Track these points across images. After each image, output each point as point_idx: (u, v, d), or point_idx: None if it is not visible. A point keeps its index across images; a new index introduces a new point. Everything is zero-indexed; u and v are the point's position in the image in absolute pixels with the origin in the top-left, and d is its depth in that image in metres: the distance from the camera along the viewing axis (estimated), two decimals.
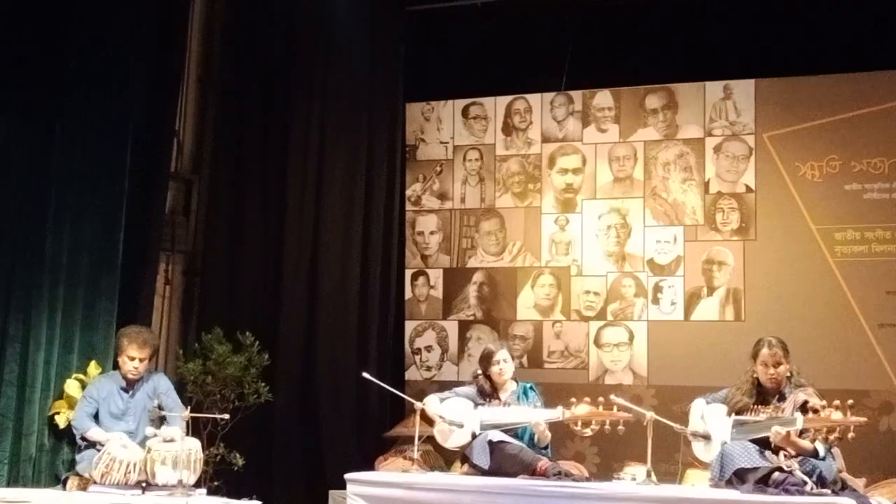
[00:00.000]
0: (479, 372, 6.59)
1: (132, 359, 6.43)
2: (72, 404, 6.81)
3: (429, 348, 8.57)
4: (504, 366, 6.48)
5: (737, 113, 7.98)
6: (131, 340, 6.49)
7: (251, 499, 6.25)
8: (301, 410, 8.28)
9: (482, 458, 6.13)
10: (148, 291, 7.89)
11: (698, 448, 6.09)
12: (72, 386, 6.95)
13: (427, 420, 6.70)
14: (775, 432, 5.56)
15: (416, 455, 6.57)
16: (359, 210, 8.49)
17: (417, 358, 8.59)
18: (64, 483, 6.28)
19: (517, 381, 6.59)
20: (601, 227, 8.24)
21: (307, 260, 8.48)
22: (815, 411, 5.59)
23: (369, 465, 7.30)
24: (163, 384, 6.61)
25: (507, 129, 8.55)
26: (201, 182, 8.84)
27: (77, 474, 6.21)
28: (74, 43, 7.27)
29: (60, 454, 6.93)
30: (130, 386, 6.54)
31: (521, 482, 5.90)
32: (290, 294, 8.42)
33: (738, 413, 5.87)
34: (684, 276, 7.98)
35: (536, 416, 6.26)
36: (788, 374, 5.91)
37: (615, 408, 6.07)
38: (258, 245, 8.62)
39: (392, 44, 8.66)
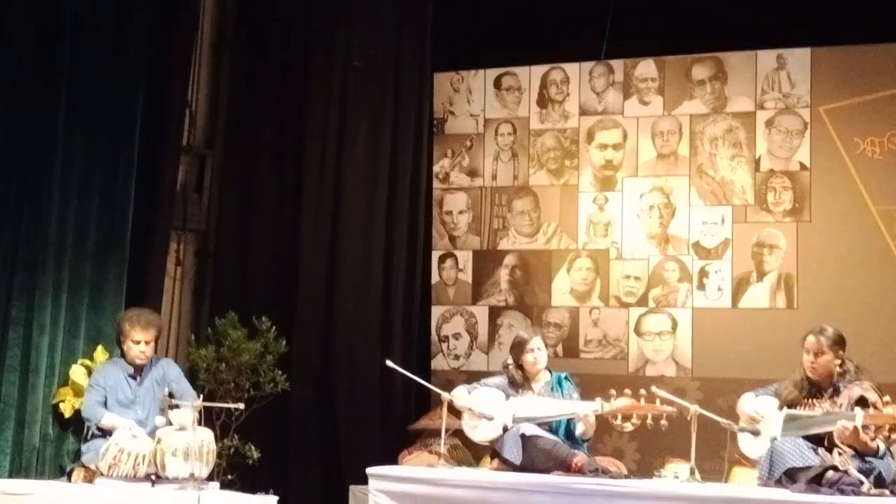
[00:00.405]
0: (511, 361, 6.58)
1: (137, 342, 6.48)
2: (77, 391, 6.86)
3: (457, 336, 8.57)
4: (538, 354, 6.48)
5: (791, 84, 7.91)
6: (133, 323, 6.53)
7: (267, 493, 6.27)
8: (320, 400, 8.32)
9: (513, 453, 6.13)
10: (158, 273, 7.94)
11: (746, 444, 6.06)
12: (77, 372, 7.00)
13: (455, 412, 6.72)
14: (842, 427, 5.48)
15: (442, 449, 6.59)
16: (382, 187, 8.50)
17: (444, 346, 8.59)
18: (69, 475, 6.33)
19: (551, 371, 6.59)
20: (643, 206, 8.20)
21: (326, 240, 8.50)
22: (874, 407, 5.54)
23: (392, 460, 7.30)
24: (172, 371, 6.65)
25: (543, 101, 8.51)
26: (215, 157, 8.87)
27: (83, 465, 6.26)
28: (75, 12, 7.26)
29: (65, 444, 6.99)
30: (138, 372, 6.58)
31: (556, 479, 5.90)
32: (309, 276, 8.45)
33: (790, 407, 5.83)
34: (732, 260, 7.93)
35: (573, 408, 6.25)
36: (839, 367, 5.85)
37: (658, 401, 6.06)
38: (275, 224, 8.66)
39: (419, 3, 8.62)
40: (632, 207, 8.23)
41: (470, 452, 7.61)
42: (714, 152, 8.07)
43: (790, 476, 5.53)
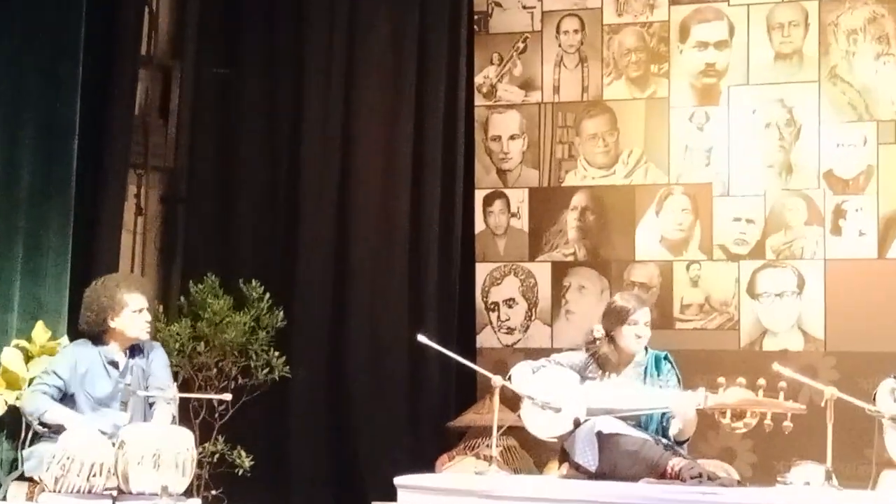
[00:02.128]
0: (598, 333, 6.54)
1: (140, 310, 6.52)
2: (11, 382, 6.89)
3: (510, 302, 8.59)
4: (644, 330, 6.44)
5: None
6: (132, 286, 6.57)
7: None
8: (329, 390, 8.39)
9: (588, 456, 6.13)
10: (113, 223, 7.99)
11: (894, 442, 6.05)
12: (10, 356, 7.01)
13: (510, 403, 6.72)
14: None
15: (493, 452, 6.58)
16: (407, 106, 8.52)
17: (494, 316, 8.61)
18: (3, 490, 6.38)
19: (646, 349, 6.56)
20: (757, 125, 8.16)
21: (335, 177, 8.54)
22: None
23: (428, 468, 7.35)
24: (160, 358, 6.66)
25: None
26: (183, 70, 8.88)
27: (24, 478, 6.31)
28: None
29: None
30: (121, 359, 6.60)
31: (646, 489, 5.89)
32: (312, 226, 8.49)
33: None
34: (878, 194, 7.91)
35: (666, 400, 6.24)
36: None
37: (781, 394, 6.01)
38: (265, 158, 8.70)
39: None
40: (742, 127, 8.19)
41: (531, 456, 7.64)
42: (852, 50, 8.02)
43: None
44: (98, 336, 6.53)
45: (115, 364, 6.50)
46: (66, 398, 6.43)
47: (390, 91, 8.56)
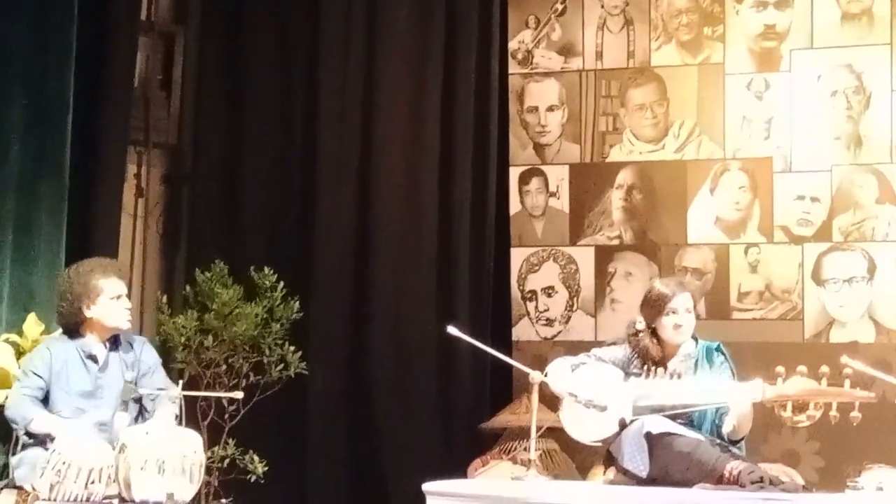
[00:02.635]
0: (640, 325, 6.55)
1: (118, 297, 6.50)
2: (1, 380, 6.93)
3: (549, 291, 8.57)
4: (685, 318, 6.43)
5: None
6: (108, 272, 6.54)
7: None
8: (351, 389, 8.42)
9: (637, 460, 6.12)
10: (111, 205, 8.04)
11: None
12: (1, 352, 7.07)
13: (550, 402, 6.70)
14: None
15: (532, 455, 6.58)
16: (435, 74, 8.53)
17: (531, 306, 8.60)
18: None
19: (696, 340, 6.55)
20: (822, 93, 8.12)
21: (355, 154, 8.56)
22: None
23: (460, 473, 7.35)
24: (149, 356, 6.66)
25: None
26: (188, 37, 8.91)
27: (15, 486, 6.33)
28: None
29: None
30: (101, 352, 6.61)
31: (701, 495, 5.87)
32: (330, 208, 8.52)
33: None
34: None
35: (721, 393, 6.22)
36: None
37: (847, 382, 6.00)
38: (278, 133, 8.73)
39: None
40: (805, 95, 8.15)
41: (573, 460, 7.63)
42: None
43: None
44: (75, 328, 6.50)
45: (93, 358, 6.48)
46: (46, 397, 6.44)
47: (415, 58, 8.57)
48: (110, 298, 6.46)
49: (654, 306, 6.47)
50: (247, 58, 8.79)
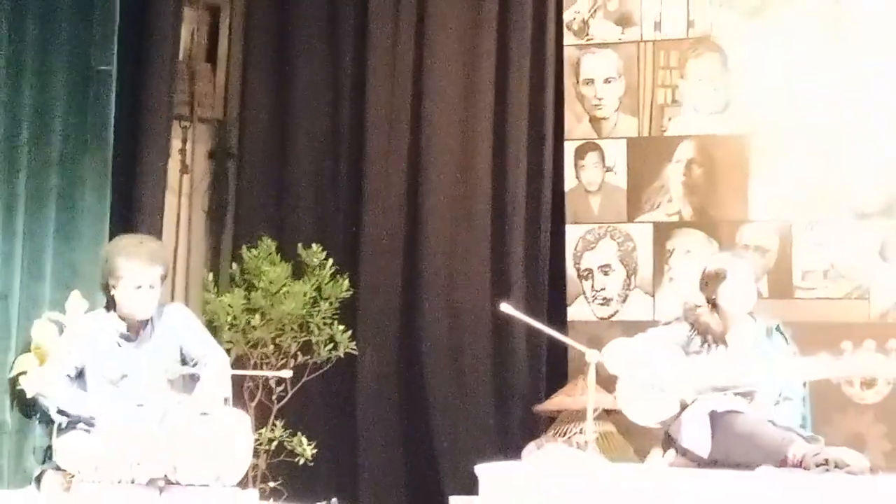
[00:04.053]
0: (700, 301, 6.54)
1: (138, 287, 6.49)
2: (44, 358, 6.98)
3: (605, 269, 8.55)
4: (744, 288, 6.44)
5: None
6: (131, 257, 6.50)
7: (328, 502, 6.37)
8: (401, 369, 8.45)
9: (699, 441, 6.13)
10: (156, 182, 8.08)
11: None
12: (43, 331, 7.12)
13: (606, 383, 6.70)
14: None
15: (588, 438, 6.58)
16: (488, 46, 8.53)
17: (587, 285, 8.58)
18: (37, 481, 6.45)
19: (755, 318, 6.54)
20: None
21: (405, 128, 8.59)
22: None
23: (514, 455, 7.35)
24: (183, 321, 6.66)
25: None
26: (233, 9, 8.96)
27: (57, 468, 6.37)
28: None
29: (30, 437, 7.15)
30: (135, 331, 6.64)
31: (766, 477, 5.86)
32: (380, 184, 8.56)
33: None
34: None
35: (786, 371, 6.20)
36: None
37: None
38: (326, 107, 8.76)
39: None
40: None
41: (630, 443, 7.63)
42: None
43: None
44: (110, 305, 6.51)
45: (127, 337, 6.50)
46: (80, 376, 6.47)
47: (467, 30, 8.59)
48: (129, 285, 6.43)
49: (713, 280, 6.49)
50: (294, 30, 8.82)
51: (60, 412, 6.39)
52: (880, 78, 8.07)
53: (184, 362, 6.45)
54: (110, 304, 6.54)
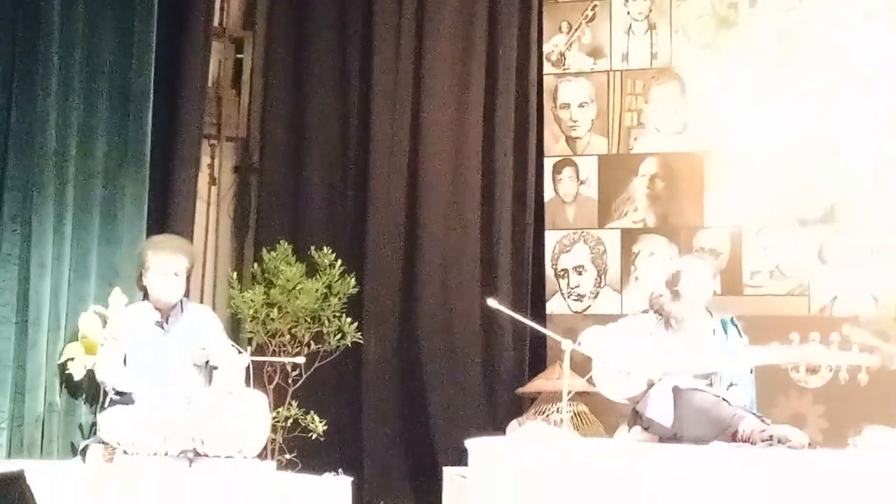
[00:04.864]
0: (663, 291, 6.54)
1: (165, 273, 6.49)
2: (89, 347, 6.98)
3: (579, 269, 8.53)
4: (702, 284, 6.45)
5: None
6: (158, 249, 6.54)
7: (337, 474, 6.34)
8: (401, 356, 8.42)
9: (663, 412, 6.14)
10: (187, 193, 8.05)
11: None
12: (89, 323, 7.13)
13: (580, 369, 6.68)
14: None
15: (564, 417, 6.56)
16: (477, 75, 8.49)
17: (563, 283, 8.56)
18: (83, 453, 6.43)
19: (711, 313, 6.53)
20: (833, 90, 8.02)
21: (405, 145, 8.54)
22: None
23: (499, 431, 7.34)
24: (206, 317, 6.67)
25: None
26: (255, 41, 8.94)
27: (100, 441, 6.36)
28: None
29: (77, 415, 7.15)
30: (165, 319, 6.63)
31: (717, 451, 5.84)
32: (382, 193, 8.52)
33: None
34: None
35: (743, 356, 6.20)
36: None
37: (855, 348, 5.96)
38: (336, 127, 8.73)
39: None
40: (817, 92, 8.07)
41: (600, 422, 7.61)
42: None
43: None
44: (145, 293, 6.56)
45: (160, 324, 6.50)
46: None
47: (460, 62, 8.55)
48: (157, 272, 6.46)
49: (676, 276, 6.52)
50: (308, 61, 8.78)
51: (118, 393, 6.41)
52: (819, 103, 8.06)
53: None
54: (145, 295, 6.57)
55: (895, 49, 7.89)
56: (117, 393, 6.37)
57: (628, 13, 8.51)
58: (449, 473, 7.37)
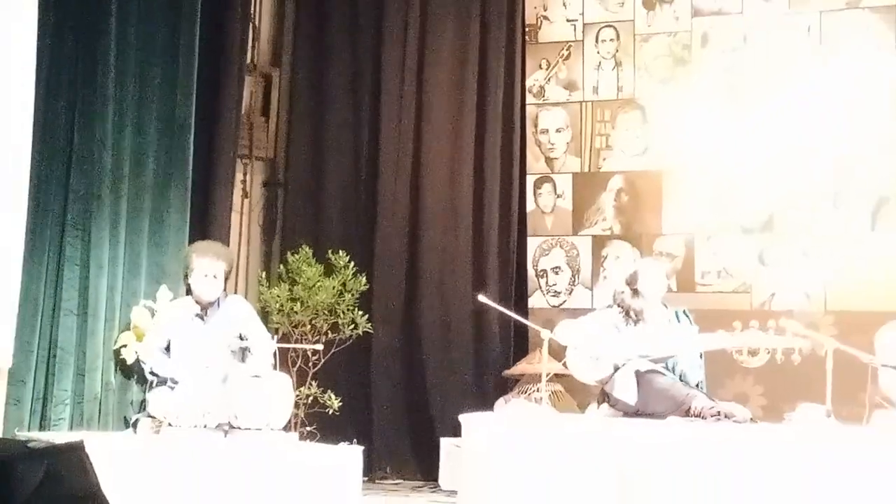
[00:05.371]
0: (625, 288, 6.53)
1: (206, 275, 6.49)
2: (140, 336, 6.98)
3: (556, 270, 8.52)
4: (657, 281, 6.45)
5: None
6: (201, 253, 6.54)
7: (350, 443, 6.34)
8: (405, 344, 8.42)
9: (627, 392, 6.13)
10: (223, 205, 8.04)
11: (888, 384, 5.96)
12: (140, 315, 7.12)
13: (557, 354, 6.68)
14: None
15: (543, 395, 6.57)
16: (470, 105, 8.49)
17: (543, 282, 8.55)
18: (134, 426, 6.44)
19: (666, 306, 6.53)
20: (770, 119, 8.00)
21: (408, 164, 8.54)
22: None
23: (488, 407, 7.33)
24: (242, 309, 6.66)
25: (650, 1, 8.36)
26: (282, 76, 8.93)
27: (149, 416, 6.36)
28: None
29: (129, 393, 7.15)
30: (204, 311, 6.62)
31: (673, 425, 5.84)
32: (390, 206, 8.51)
33: None
34: (871, 176, 7.73)
35: (694, 342, 6.20)
36: None
37: (789, 334, 5.97)
38: (350, 148, 8.73)
39: None
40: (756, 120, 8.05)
41: (574, 399, 7.61)
42: (849, 54, 7.83)
43: None
44: (188, 290, 6.56)
45: (200, 316, 6.51)
46: (167, 347, 6.47)
47: (455, 94, 8.55)
48: (199, 273, 6.46)
49: (635, 274, 6.52)
50: (326, 94, 8.77)
51: (153, 374, 6.41)
52: (759, 128, 8.05)
53: (240, 339, 6.45)
54: (189, 291, 6.57)
55: (819, 84, 7.88)
56: (153, 374, 6.37)
57: (598, 52, 8.50)
58: (445, 443, 7.42)
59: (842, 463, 5.34)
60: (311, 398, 7.71)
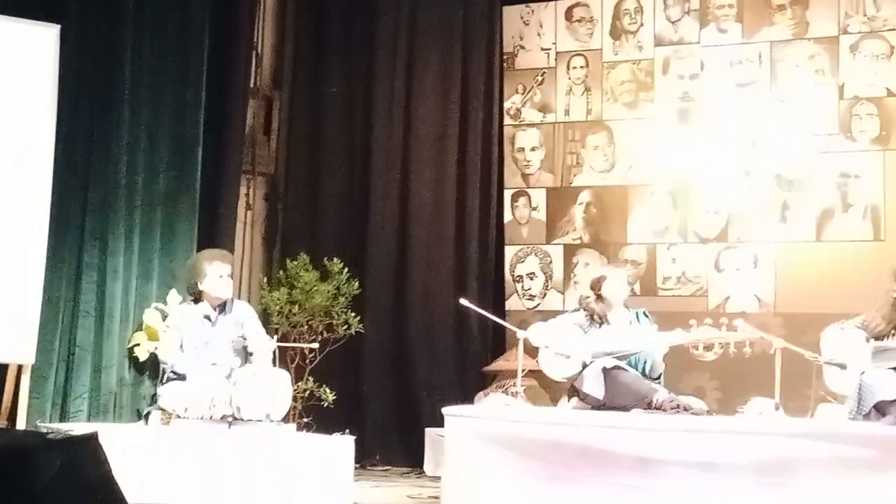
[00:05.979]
0: (589, 294, 6.54)
1: (220, 276, 6.49)
2: (152, 335, 6.97)
3: (531, 275, 8.53)
4: (619, 286, 6.46)
5: (876, 7, 7.68)
6: (211, 258, 6.54)
7: (343, 433, 6.33)
8: (394, 342, 8.39)
9: (595, 388, 6.10)
10: (229, 217, 8.04)
11: (832, 380, 5.96)
12: (152, 316, 7.12)
13: (531, 352, 6.68)
14: None
15: (518, 390, 6.56)
16: (453, 125, 8.50)
17: (519, 286, 8.56)
18: (146, 417, 6.43)
19: (628, 308, 6.53)
20: (724, 139, 8.02)
21: (397, 179, 8.53)
22: None
23: (468, 402, 7.32)
24: (247, 313, 6.67)
25: (616, 32, 8.37)
26: (282, 99, 8.92)
27: (159, 408, 6.35)
28: None
29: (141, 388, 7.15)
30: (218, 312, 6.61)
31: (636, 417, 5.84)
32: (380, 217, 8.50)
33: (877, 339, 5.72)
34: (815, 191, 7.75)
35: (654, 339, 6.21)
36: None
37: (739, 330, 5.98)
38: (344, 165, 8.72)
39: None
40: (711, 140, 8.06)
41: (547, 394, 7.61)
42: (795, 80, 7.87)
43: (880, 409, 5.42)
44: (196, 297, 6.53)
45: (208, 318, 6.50)
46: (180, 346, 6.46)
47: (440, 116, 8.55)
48: (214, 275, 6.46)
49: (598, 280, 6.50)
50: (322, 115, 8.76)
51: (173, 372, 6.39)
52: (713, 147, 8.08)
53: (244, 338, 6.45)
54: (197, 298, 6.54)
55: (768, 107, 7.91)
56: (173, 372, 6.36)
57: (569, 78, 8.52)
58: (430, 433, 7.40)
59: (789, 451, 5.34)
60: (307, 392, 7.71)
